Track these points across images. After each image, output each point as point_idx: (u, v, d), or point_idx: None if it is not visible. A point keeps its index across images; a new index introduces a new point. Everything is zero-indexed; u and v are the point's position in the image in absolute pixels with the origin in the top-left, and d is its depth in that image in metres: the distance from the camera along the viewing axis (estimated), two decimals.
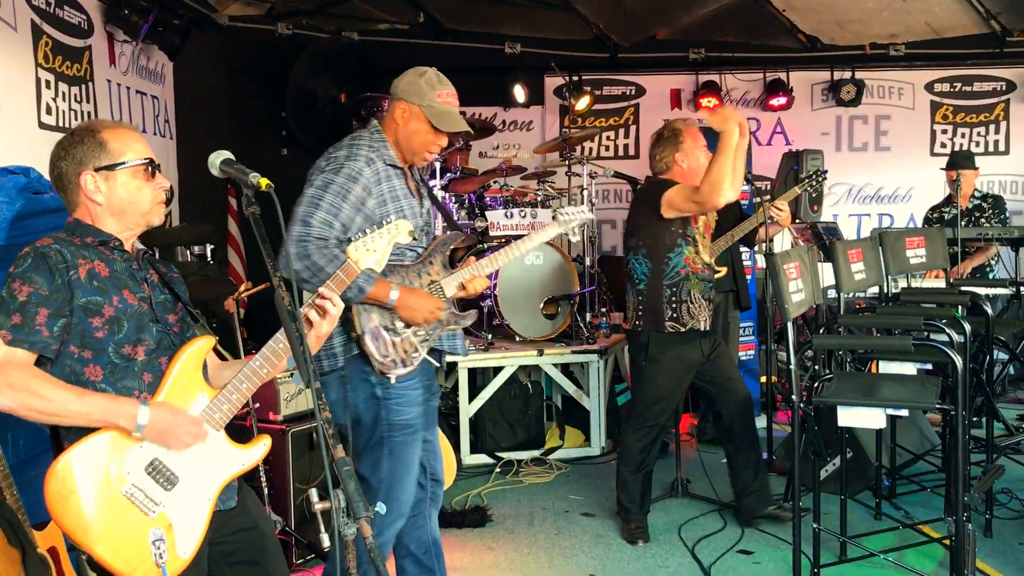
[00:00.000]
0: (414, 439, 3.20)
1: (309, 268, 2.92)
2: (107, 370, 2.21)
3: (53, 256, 2.17)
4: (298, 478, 4.27)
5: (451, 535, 4.71)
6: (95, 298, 2.20)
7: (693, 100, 8.57)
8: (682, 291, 4.35)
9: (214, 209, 7.05)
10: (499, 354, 5.95)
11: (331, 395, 3.13)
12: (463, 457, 5.89)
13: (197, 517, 2.22)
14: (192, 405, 2.26)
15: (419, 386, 3.21)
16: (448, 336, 3.29)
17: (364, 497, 1.59)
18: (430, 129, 3.15)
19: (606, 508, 5.00)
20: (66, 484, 2.05)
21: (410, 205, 3.17)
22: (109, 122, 2.38)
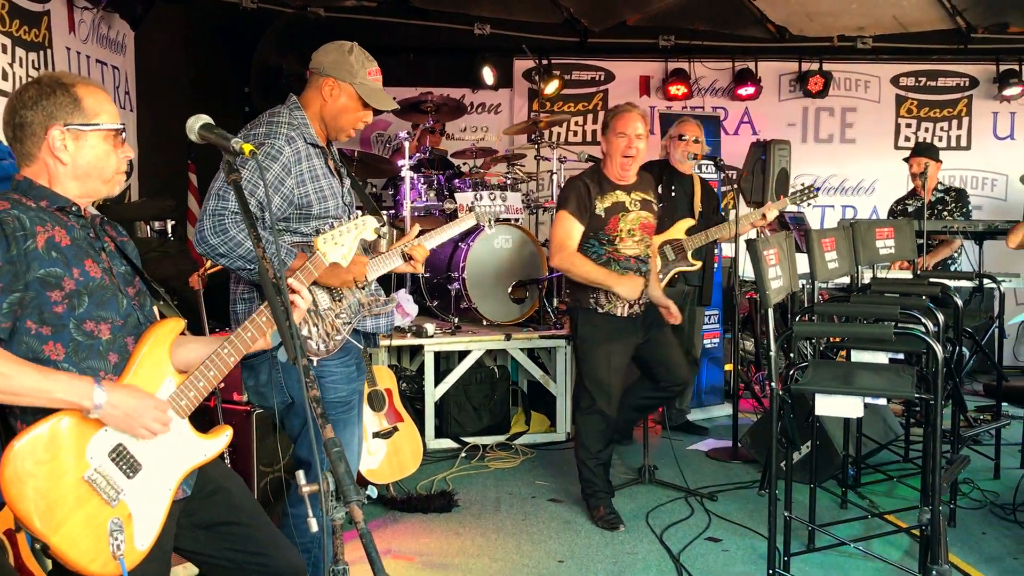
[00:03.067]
0: (351, 416, 3.15)
1: (226, 243, 2.82)
2: (69, 348, 2.08)
3: (11, 223, 2.02)
4: (262, 460, 4.17)
5: (417, 520, 4.64)
6: (54, 270, 2.06)
7: (662, 87, 8.55)
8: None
9: (174, 185, 6.86)
10: (466, 338, 5.88)
11: (261, 377, 3.04)
12: (428, 441, 5.81)
13: (156, 508, 2.12)
14: (159, 391, 2.15)
15: (352, 363, 3.15)
16: (372, 318, 3.23)
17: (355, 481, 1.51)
18: (360, 106, 3.09)
19: (572, 494, 4.96)
20: (24, 466, 1.92)
21: (330, 185, 3.08)
22: (79, 77, 2.23)
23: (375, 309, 3.20)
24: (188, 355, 2.28)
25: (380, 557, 1.47)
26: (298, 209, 3.00)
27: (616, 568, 4.02)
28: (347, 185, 3.23)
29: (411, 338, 5.80)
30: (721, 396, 6.83)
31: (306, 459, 3.10)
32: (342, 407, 3.11)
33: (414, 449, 4.86)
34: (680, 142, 5.65)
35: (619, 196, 4.49)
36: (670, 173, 5.74)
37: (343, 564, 1.51)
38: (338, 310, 3.07)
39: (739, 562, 4.07)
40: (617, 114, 4.50)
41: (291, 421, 3.12)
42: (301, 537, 3.09)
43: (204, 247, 2.84)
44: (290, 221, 3.02)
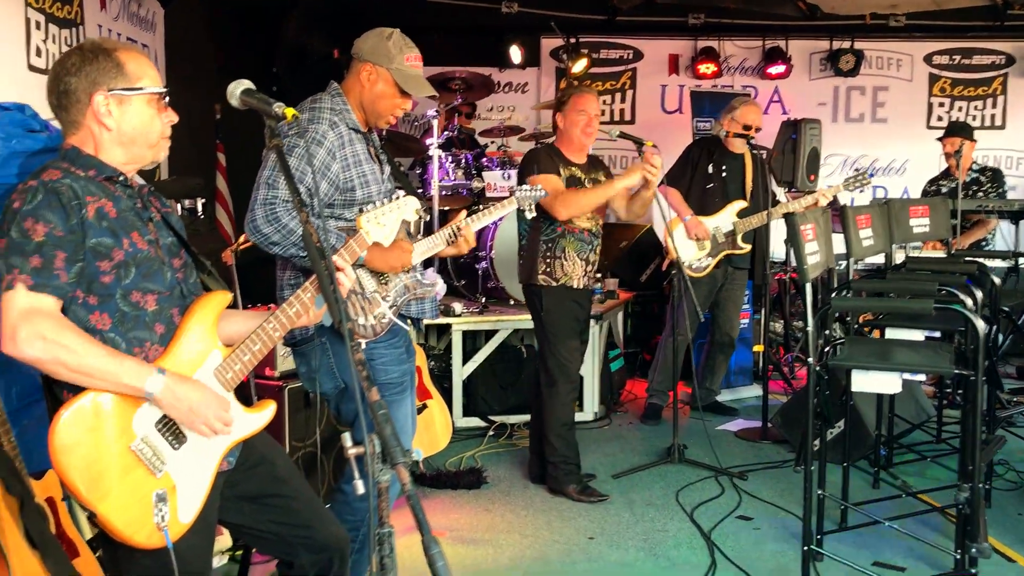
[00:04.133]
0: (403, 397, 3.17)
1: (279, 231, 2.84)
2: (115, 319, 2.07)
3: (66, 192, 2.00)
4: (294, 436, 4.18)
5: (446, 496, 4.65)
6: (104, 240, 2.04)
7: (691, 66, 8.47)
8: (557, 247, 4.46)
9: (202, 164, 6.87)
10: (493, 317, 5.87)
11: (312, 363, 3.07)
12: (455, 420, 5.81)
13: (200, 480, 2.12)
14: (205, 363, 2.15)
15: (400, 345, 3.17)
16: (416, 302, 3.25)
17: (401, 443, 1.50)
18: (397, 92, 3.08)
19: (602, 473, 4.95)
20: (73, 434, 1.92)
21: (372, 170, 3.09)
22: (121, 43, 2.22)
23: (419, 292, 3.21)
24: (232, 328, 2.28)
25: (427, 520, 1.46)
26: (342, 194, 3.01)
27: (647, 545, 4.01)
28: (387, 172, 3.24)
29: (439, 317, 5.79)
30: (750, 377, 6.79)
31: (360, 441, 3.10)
32: (394, 388, 3.13)
33: (444, 425, 4.85)
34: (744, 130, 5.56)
35: (575, 171, 4.53)
36: (720, 152, 5.68)
37: (388, 527, 1.51)
38: (384, 293, 3.09)
39: (771, 540, 4.05)
40: (577, 93, 4.55)
41: (345, 406, 3.15)
42: (352, 516, 3.12)
43: (257, 236, 2.85)
44: (335, 207, 3.04)
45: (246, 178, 2.93)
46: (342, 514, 3.16)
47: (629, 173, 4.29)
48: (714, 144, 5.73)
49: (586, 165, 4.57)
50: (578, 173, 4.51)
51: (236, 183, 7.05)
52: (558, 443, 4.56)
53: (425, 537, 1.40)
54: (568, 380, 4.56)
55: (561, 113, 4.54)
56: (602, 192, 4.37)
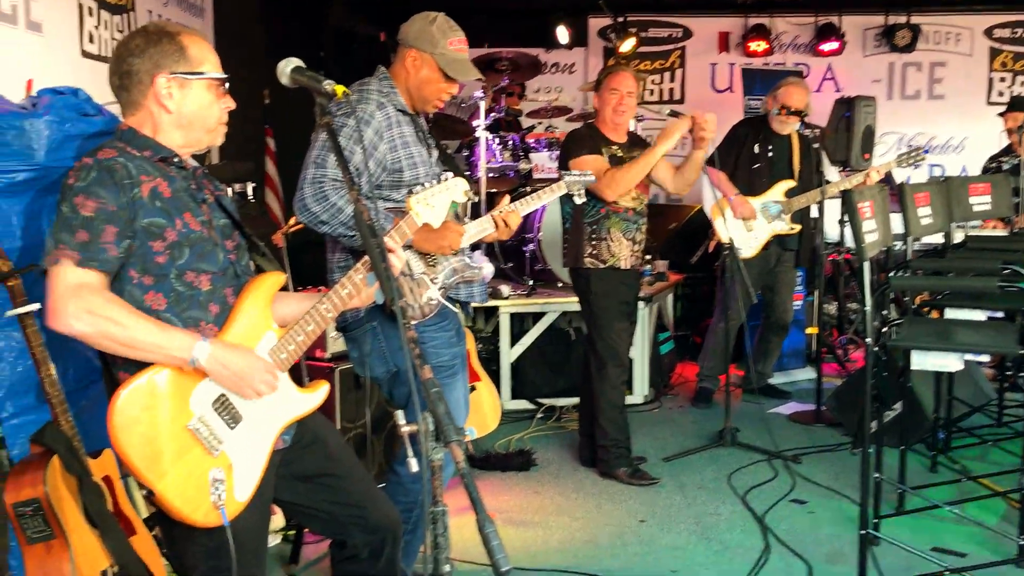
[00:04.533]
0: (455, 380, 3.17)
1: (328, 210, 2.83)
2: (170, 299, 2.08)
3: (119, 170, 2.01)
4: (345, 417, 4.20)
5: (496, 478, 4.65)
6: (157, 220, 2.06)
7: (741, 44, 8.33)
8: (602, 229, 4.42)
9: (252, 149, 6.93)
10: (541, 300, 5.84)
11: (364, 348, 3.07)
12: (504, 402, 5.80)
13: (256, 459, 2.12)
14: (260, 343, 2.15)
15: (450, 328, 3.17)
16: (466, 286, 3.24)
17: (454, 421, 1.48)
18: (442, 77, 3.07)
19: (652, 456, 4.91)
20: (132, 413, 1.93)
21: (420, 152, 3.08)
22: (184, 27, 2.24)
23: (467, 275, 3.21)
24: (285, 310, 2.28)
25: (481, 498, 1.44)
26: (390, 175, 3.01)
27: (699, 528, 3.97)
28: (435, 156, 3.23)
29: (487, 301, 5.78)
30: (803, 360, 6.68)
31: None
32: (445, 371, 3.13)
33: (493, 407, 4.82)
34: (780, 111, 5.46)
35: (616, 151, 4.47)
36: (767, 132, 5.58)
37: (442, 506, 1.49)
38: (432, 275, 3.09)
39: (826, 524, 3.98)
40: (612, 72, 4.52)
41: (397, 390, 3.15)
42: (405, 497, 3.13)
43: (306, 215, 2.86)
44: (382, 188, 3.03)
45: (295, 163, 2.94)
46: (396, 495, 3.17)
47: (667, 135, 4.21)
48: (760, 124, 5.63)
49: (627, 144, 4.52)
50: (619, 152, 4.46)
51: (285, 167, 7.09)
52: (609, 426, 4.52)
53: (480, 516, 1.38)
54: (618, 363, 4.52)
55: (597, 93, 4.52)
56: (644, 162, 4.29)
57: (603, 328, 4.49)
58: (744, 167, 5.53)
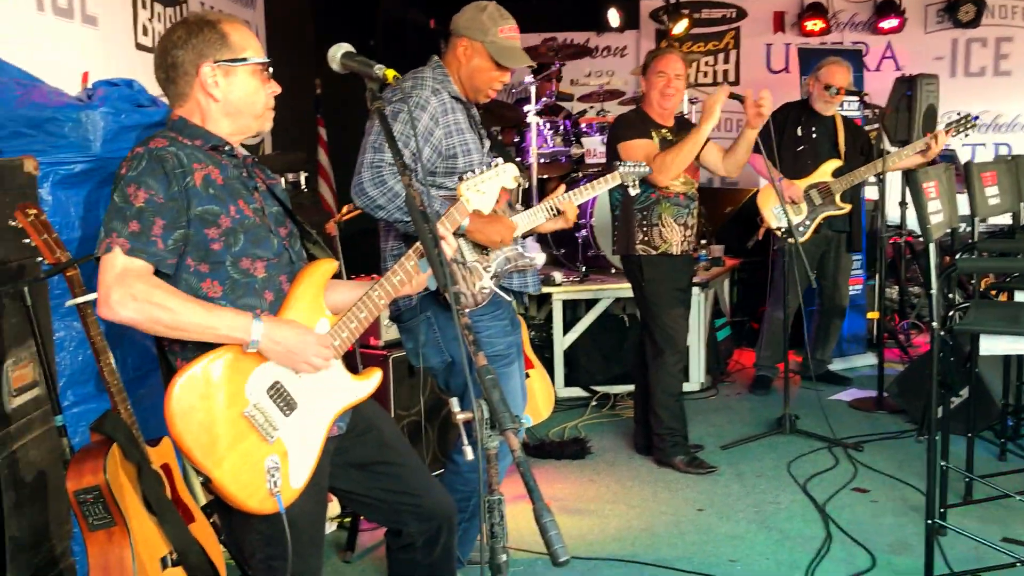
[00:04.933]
0: (511, 369, 3.16)
1: (385, 194, 2.84)
2: (226, 286, 2.08)
3: (170, 160, 2.01)
4: (399, 405, 4.20)
5: (550, 466, 4.62)
6: (211, 207, 2.05)
7: (797, 23, 8.13)
8: (653, 215, 4.35)
9: (304, 139, 6.96)
10: (594, 286, 5.79)
11: (420, 338, 3.08)
12: (557, 390, 5.77)
13: (311, 446, 2.11)
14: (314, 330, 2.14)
15: (504, 317, 3.15)
16: (519, 275, 3.23)
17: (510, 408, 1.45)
18: (493, 66, 3.06)
19: (710, 444, 4.84)
20: (187, 400, 1.93)
21: (473, 139, 3.07)
22: (223, 14, 2.23)
23: (520, 264, 3.18)
24: (337, 297, 2.27)
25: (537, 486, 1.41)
26: (444, 161, 3.01)
27: (758, 517, 3.90)
28: (487, 147, 3.22)
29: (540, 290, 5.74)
30: (864, 345, 6.54)
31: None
32: (501, 360, 3.12)
33: (546, 395, 4.79)
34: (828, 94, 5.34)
35: (665, 134, 4.40)
36: (808, 115, 5.47)
37: (498, 494, 1.46)
38: (485, 263, 3.08)
39: (889, 513, 3.88)
40: (658, 55, 4.43)
41: (453, 380, 3.16)
42: (463, 486, 3.12)
43: (363, 199, 2.86)
44: (436, 175, 3.02)
45: (347, 152, 2.95)
46: (453, 484, 3.17)
47: (709, 111, 4.10)
48: (801, 107, 5.50)
49: (675, 127, 4.45)
50: (668, 136, 4.38)
51: (337, 157, 7.13)
52: (664, 414, 4.46)
53: (537, 504, 1.35)
54: (675, 350, 4.45)
55: (644, 76, 4.44)
56: (693, 142, 4.18)
57: (658, 315, 4.42)
58: (788, 152, 5.40)
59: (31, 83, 2.86)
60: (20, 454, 2.55)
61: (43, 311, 2.66)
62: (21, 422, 2.56)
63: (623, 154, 4.26)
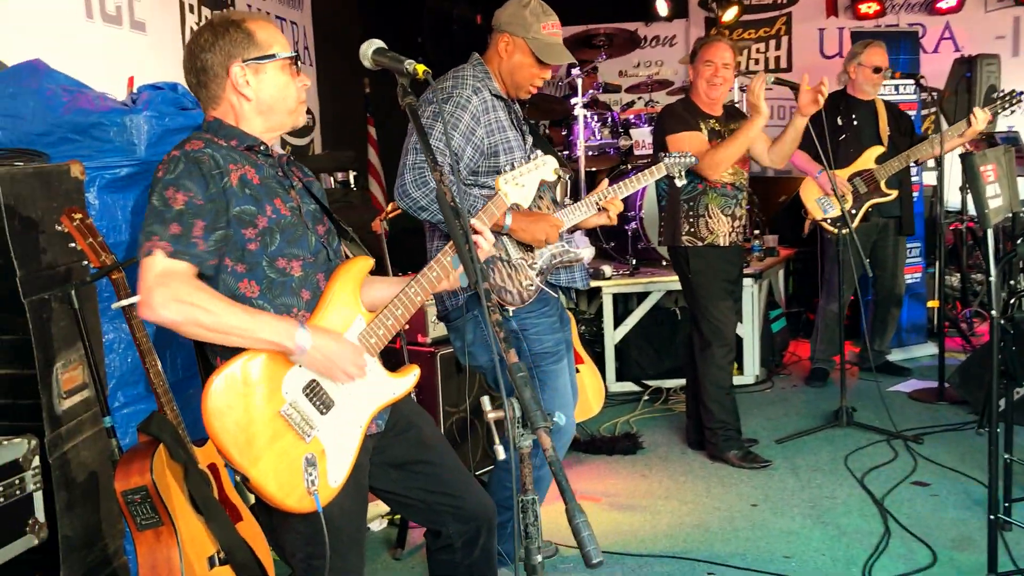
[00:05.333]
0: (561, 366, 3.14)
1: (427, 195, 2.84)
2: (263, 285, 2.08)
3: (207, 162, 2.02)
4: (447, 401, 4.20)
5: (601, 462, 4.58)
6: (248, 207, 2.05)
7: (851, 6, 7.94)
8: (699, 205, 4.27)
9: (354, 138, 7.01)
10: (644, 279, 5.72)
11: (467, 337, 3.07)
12: (609, 384, 5.74)
13: (348, 445, 2.10)
14: (350, 329, 2.13)
15: (552, 313, 3.13)
16: (566, 270, 3.20)
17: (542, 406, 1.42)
18: (535, 62, 3.03)
19: (764, 437, 4.76)
20: (225, 400, 1.94)
21: (515, 137, 3.05)
22: (247, 13, 2.24)
23: (567, 259, 3.16)
24: (375, 294, 2.26)
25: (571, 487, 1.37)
26: (487, 160, 2.99)
27: (814, 512, 3.81)
28: (530, 143, 3.20)
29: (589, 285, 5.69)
30: (924, 335, 6.36)
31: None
32: (550, 358, 3.10)
33: (597, 390, 4.76)
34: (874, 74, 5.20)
35: (713, 125, 4.32)
36: (847, 103, 5.33)
37: (532, 494, 1.43)
38: (531, 260, 3.06)
39: (951, 507, 3.77)
40: (706, 43, 4.34)
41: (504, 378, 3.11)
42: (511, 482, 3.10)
43: (406, 201, 2.87)
44: (479, 174, 3.01)
45: (397, 150, 2.95)
46: (502, 480, 3.16)
47: (756, 107, 4.03)
48: (838, 96, 5.35)
49: (723, 117, 4.37)
50: (716, 126, 4.30)
51: (387, 155, 7.15)
52: (715, 408, 4.39)
53: (569, 506, 1.32)
54: (723, 343, 4.38)
55: (692, 65, 4.36)
56: (744, 135, 4.10)
57: (705, 307, 4.35)
58: (829, 141, 5.27)
59: (77, 89, 2.91)
60: (72, 455, 2.60)
61: (91, 314, 2.70)
62: (72, 424, 2.60)
63: (671, 148, 4.19)
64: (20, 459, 2.38)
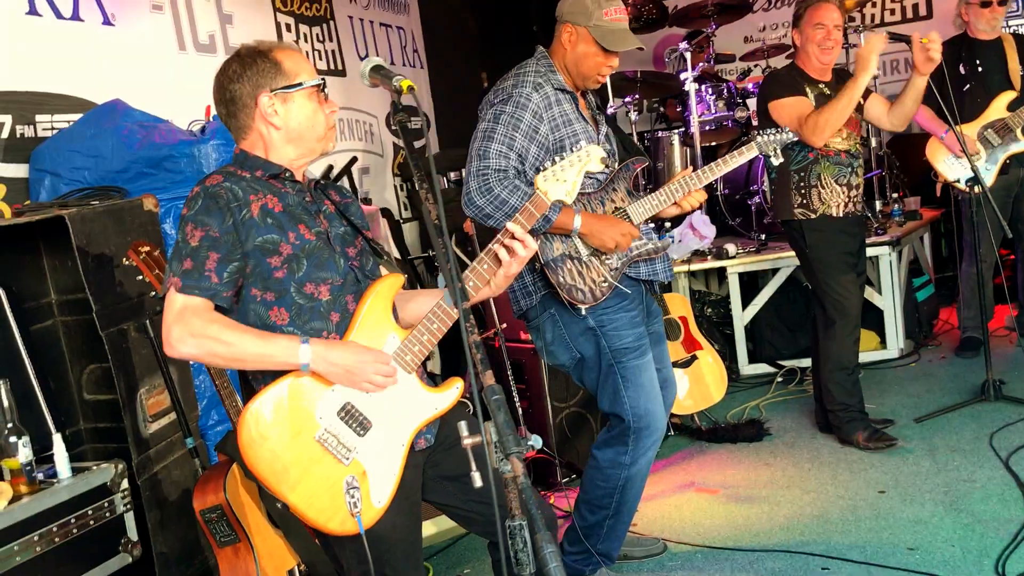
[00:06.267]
0: (644, 361, 3.04)
1: (492, 202, 2.81)
2: (292, 312, 2.10)
3: (223, 195, 2.07)
4: (555, 397, 4.16)
5: (724, 451, 4.42)
6: (271, 236, 2.09)
7: None
8: (811, 175, 4.04)
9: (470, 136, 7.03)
10: (772, 255, 5.46)
11: (547, 336, 3.03)
12: (740, 367, 5.54)
13: (390, 464, 2.09)
14: (383, 347, 2.12)
15: (634, 307, 3.03)
16: (646, 263, 3.08)
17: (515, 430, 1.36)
18: (599, 50, 2.94)
19: (903, 416, 4.45)
20: (258, 429, 1.97)
21: (584, 130, 2.96)
22: (273, 42, 2.27)
23: (645, 252, 3.05)
24: (418, 308, 2.26)
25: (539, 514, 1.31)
26: (552, 156, 2.92)
27: (947, 499, 3.53)
28: (604, 132, 3.12)
29: (711, 260, 5.51)
30: None
31: (610, 411, 3.07)
32: (631, 353, 3.02)
33: (717, 378, 4.60)
34: (983, 9, 4.76)
35: (823, 89, 4.03)
36: (969, 47, 4.87)
37: (519, 520, 1.38)
38: (603, 256, 2.97)
39: None
40: (812, 5, 4.03)
41: (586, 376, 3.10)
42: (604, 482, 3.05)
43: (472, 209, 2.87)
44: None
45: None
46: (594, 480, 3.11)
47: (864, 61, 3.76)
48: (959, 41, 4.89)
49: (833, 81, 4.08)
50: (826, 91, 4.03)
51: None
52: (836, 389, 4.16)
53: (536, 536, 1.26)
54: (847, 320, 4.12)
55: (797, 29, 4.09)
56: (848, 97, 3.82)
57: (826, 283, 4.11)
58: (954, 94, 4.83)
59: (152, 124, 3.05)
60: (162, 475, 2.73)
61: None
62: (160, 445, 2.74)
63: (773, 114, 4.00)
64: (108, 483, 2.53)
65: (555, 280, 2.91)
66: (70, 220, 2.53)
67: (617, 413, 3.03)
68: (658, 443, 3.13)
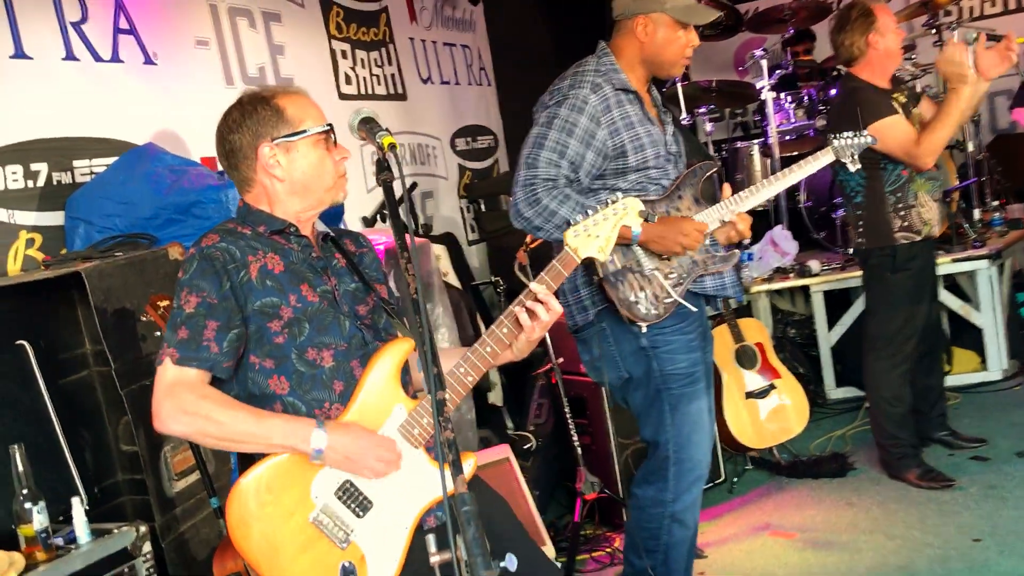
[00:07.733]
0: (696, 390, 2.83)
1: (541, 214, 2.63)
2: (292, 380, 1.95)
3: (219, 257, 1.94)
4: (620, 433, 3.96)
5: (805, 487, 4.13)
6: (270, 299, 1.95)
7: None
8: (908, 195, 3.76)
9: None
10: (859, 272, 5.10)
11: (594, 351, 2.83)
12: (827, 391, 5.21)
13: (393, 547, 1.92)
14: (388, 420, 1.95)
15: (692, 330, 2.81)
16: (713, 277, 2.85)
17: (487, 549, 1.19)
18: (679, 28, 2.74)
19: (1003, 448, 4.09)
20: (248, 509, 1.83)
21: (648, 132, 2.74)
22: (278, 87, 2.13)
23: (712, 267, 2.82)
24: None
25: None
26: (612, 162, 2.75)
27: None
28: (670, 132, 2.90)
29: (793, 279, 5.21)
30: None
31: (651, 439, 2.89)
32: (682, 380, 2.81)
33: (798, 408, 4.31)
34: None
35: (899, 98, 3.78)
36: None
37: None
38: (667, 269, 2.76)
39: None
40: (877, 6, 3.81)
41: (632, 396, 2.91)
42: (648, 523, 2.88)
43: (520, 221, 2.71)
44: (606, 178, 2.78)
45: None
46: (638, 520, 2.91)
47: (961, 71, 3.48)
48: None
49: (893, 89, 3.84)
50: (902, 99, 3.76)
51: None
52: (885, 421, 3.97)
53: None
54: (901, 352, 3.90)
55: (874, 32, 3.76)
56: (955, 111, 3.55)
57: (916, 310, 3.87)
58: None
59: (183, 168, 2.98)
60: (189, 535, 2.65)
61: None
62: (187, 504, 2.65)
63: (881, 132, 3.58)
64: (129, 547, 2.45)
65: (615, 296, 2.70)
66: (87, 276, 2.46)
67: (658, 442, 2.84)
68: (702, 482, 2.89)
